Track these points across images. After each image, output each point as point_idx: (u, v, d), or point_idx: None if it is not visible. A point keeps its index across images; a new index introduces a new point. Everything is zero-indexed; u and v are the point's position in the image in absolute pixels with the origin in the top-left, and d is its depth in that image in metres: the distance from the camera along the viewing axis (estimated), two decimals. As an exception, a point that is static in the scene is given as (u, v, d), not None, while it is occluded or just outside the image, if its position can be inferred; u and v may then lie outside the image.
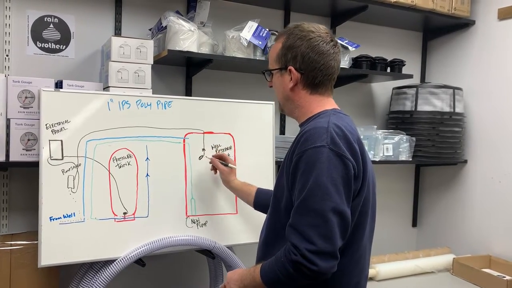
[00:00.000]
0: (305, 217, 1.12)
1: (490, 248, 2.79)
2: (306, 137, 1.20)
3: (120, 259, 1.85)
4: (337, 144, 1.17)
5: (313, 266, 1.09)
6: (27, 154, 1.87)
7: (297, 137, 1.26)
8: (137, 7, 2.36)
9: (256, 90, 2.66)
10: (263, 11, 2.62)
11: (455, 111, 2.84)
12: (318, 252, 1.09)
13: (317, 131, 1.20)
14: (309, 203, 1.13)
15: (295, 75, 1.33)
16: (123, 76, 1.99)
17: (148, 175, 1.94)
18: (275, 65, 1.38)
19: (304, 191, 1.14)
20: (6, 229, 2.11)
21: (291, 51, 1.33)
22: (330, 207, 1.11)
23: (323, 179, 1.13)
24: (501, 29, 2.78)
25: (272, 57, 1.39)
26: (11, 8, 2.09)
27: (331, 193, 1.12)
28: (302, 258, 1.09)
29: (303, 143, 1.20)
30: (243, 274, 1.31)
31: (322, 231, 1.10)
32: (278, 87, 1.39)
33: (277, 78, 1.38)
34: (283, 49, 1.34)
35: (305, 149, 1.18)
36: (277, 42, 1.37)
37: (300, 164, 1.18)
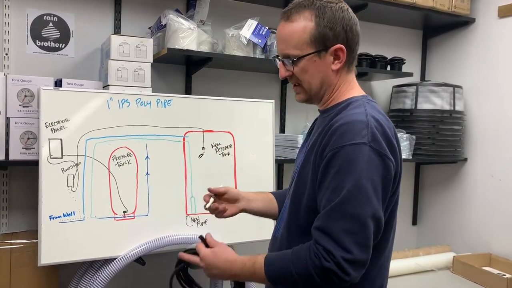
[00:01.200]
0: (341, 221, 1.00)
1: (490, 246, 2.79)
2: (343, 131, 1.06)
3: (120, 257, 1.85)
4: (378, 141, 1.05)
5: (345, 276, 0.99)
6: (26, 153, 1.87)
7: (327, 128, 1.11)
8: (136, 5, 2.35)
9: (256, 89, 2.66)
10: (263, 9, 2.62)
11: (455, 109, 2.83)
12: (354, 262, 0.99)
13: (356, 125, 1.06)
14: (346, 207, 1.00)
15: (344, 54, 1.15)
16: (122, 74, 1.98)
17: (148, 174, 1.94)
18: (308, 48, 1.14)
19: (340, 193, 1.01)
20: (6, 228, 2.11)
21: (333, 27, 1.13)
22: (370, 213, 1.01)
23: (363, 181, 1.01)
24: (501, 27, 2.78)
25: (300, 39, 1.14)
26: (10, 7, 2.09)
27: (371, 197, 1.02)
28: (335, 266, 0.99)
29: (339, 138, 1.05)
30: (233, 265, 1.16)
31: (359, 239, 1.00)
32: (314, 72, 1.16)
33: (311, 63, 1.15)
34: (319, 27, 1.13)
35: (342, 145, 1.04)
36: (300, 20, 1.14)
37: (335, 161, 1.04)
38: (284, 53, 1.18)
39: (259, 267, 1.10)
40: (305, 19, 1.14)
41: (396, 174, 1.12)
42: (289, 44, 1.16)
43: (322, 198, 1.06)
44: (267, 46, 2.37)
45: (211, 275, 1.21)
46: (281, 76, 1.21)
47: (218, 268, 1.18)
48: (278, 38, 1.20)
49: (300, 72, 1.17)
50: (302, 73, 1.17)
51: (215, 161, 2.08)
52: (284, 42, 1.17)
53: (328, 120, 1.15)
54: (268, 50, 2.39)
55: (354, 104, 1.16)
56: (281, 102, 2.75)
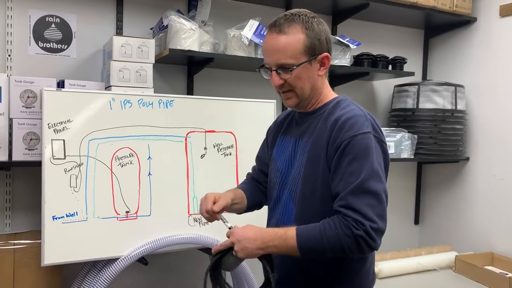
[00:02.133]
0: (363, 198, 1.16)
1: (493, 245, 2.79)
2: (351, 124, 1.22)
3: (122, 257, 1.86)
4: (377, 131, 1.25)
5: (373, 242, 1.15)
6: (29, 153, 1.88)
7: (332, 124, 1.25)
8: (138, 6, 2.36)
9: (257, 89, 2.66)
10: (264, 9, 2.62)
11: (457, 109, 2.83)
12: (378, 230, 1.15)
13: (359, 119, 1.24)
14: (366, 186, 1.17)
15: (328, 61, 1.32)
16: (124, 75, 1.99)
17: (150, 174, 1.95)
18: (302, 57, 1.28)
19: (359, 175, 1.17)
20: (9, 228, 2.12)
21: (318, 38, 1.29)
22: (382, 190, 1.19)
23: (375, 163, 1.20)
24: (502, 26, 2.78)
25: (296, 50, 1.27)
26: (13, 8, 2.10)
27: (382, 177, 1.21)
28: (365, 233, 1.14)
29: (349, 129, 1.21)
30: (263, 233, 1.23)
31: (379, 211, 1.17)
32: (306, 79, 1.30)
33: (304, 70, 1.29)
34: (309, 38, 1.28)
35: (353, 135, 1.20)
36: (293, 33, 1.27)
37: (349, 149, 1.20)
38: (279, 63, 1.29)
39: (291, 235, 1.19)
40: (297, 31, 1.27)
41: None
42: (285, 55, 1.27)
43: (340, 182, 1.20)
44: (269, 46, 2.37)
45: (242, 249, 1.22)
46: (276, 84, 1.32)
47: (249, 239, 1.22)
48: (271, 49, 1.30)
49: (294, 79, 1.30)
50: (296, 80, 1.30)
51: (217, 161, 2.09)
52: (279, 52, 1.28)
53: (324, 118, 1.31)
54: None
55: (344, 102, 1.32)
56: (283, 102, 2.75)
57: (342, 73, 2.68)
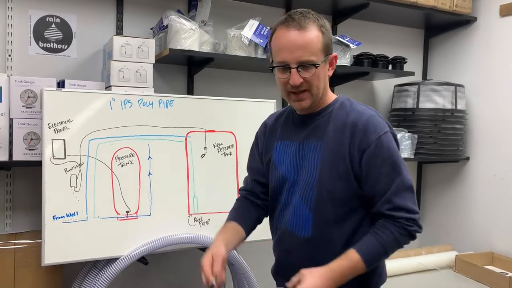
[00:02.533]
0: (404, 194, 1.24)
1: (493, 245, 2.79)
2: (372, 125, 1.25)
3: (123, 257, 1.86)
4: (390, 126, 1.31)
5: (420, 228, 1.26)
6: (30, 153, 1.88)
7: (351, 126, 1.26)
8: (138, 6, 2.36)
9: (257, 89, 2.67)
10: (264, 9, 2.62)
11: (457, 108, 2.83)
12: (419, 217, 1.27)
13: (376, 119, 1.27)
14: (404, 183, 1.24)
15: (336, 61, 1.33)
16: (125, 75, 1.99)
17: (150, 174, 1.95)
18: (321, 56, 1.26)
19: (396, 175, 1.24)
20: (9, 228, 2.12)
21: (331, 38, 1.30)
22: (411, 182, 1.27)
23: (401, 159, 1.27)
24: (502, 26, 2.78)
25: (317, 47, 1.25)
26: (13, 8, 2.10)
27: (406, 167, 1.28)
28: (417, 226, 1.24)
29: (372, 132, 1.24)
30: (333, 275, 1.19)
31: (415, 201, 1.27)
32: (322, 78, 1.29)
33: (322, 69, 1.27)
34: (325, 37, 1.27)
35: (378, 136, 1.24)
36: (313, 30, 1.24)
37: (378, 151, 1.24)
38: (301, 60, 1.24)
39: (356, 259, 1.21)
40: (315, 29, 1.25)
41: None
42: (308, 51, 1.24)
43: (376, 185, 1.25)
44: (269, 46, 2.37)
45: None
46: (297, 83, 1.25)
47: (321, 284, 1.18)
48: (292, 45, 1.24)
49: (315, 79, 1.26)
50: (315, 78, 1.26)
51: (217, 161, 2.09)
52: (302, 49, 1.23)
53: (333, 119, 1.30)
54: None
55: (349, 102, 1.34)
56: (283, 101, 2.75)
57: (342, 73, 2.68)
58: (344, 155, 1.25)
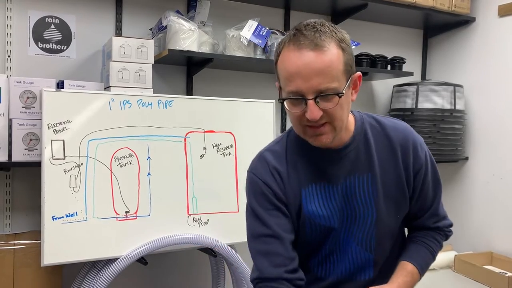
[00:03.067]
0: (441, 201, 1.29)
1: (492, 245, 2.79)
2: (419, 143, 1.20)
3: (122, 257, 1.86)
4: None
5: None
6: (29, 154, 1.89)
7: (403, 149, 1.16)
8: (137, 7, 2.36)
9: (256, 89, 2.67)
10: (263, 10, 2.63)
11: (456, 108, 2.84)
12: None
13: (411, 130, 1.23)
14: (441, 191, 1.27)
15: (360, 82, 1.08)
16: (124, 76, 1.99)
17: (149, 174, 1.95)
18: (343, 80, 1.00)
19: (438, 185, 1.25)
20: (9, 228, 2.12)
21: (352, 54, 1.04)
22: None
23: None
24: (501, 26, 2.78)
25: (338, 70, 0.98)
26: (12, 9, 2.10)
27: None
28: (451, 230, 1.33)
29: (419, 149, 1.19)
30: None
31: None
32: (346, 106, 1.03)
33: (346, 95, 1.01)
34: (346, 54, 1.00)
35: (425, 151, 1.21)
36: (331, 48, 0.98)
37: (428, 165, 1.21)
38: (320, 89, 0.97)
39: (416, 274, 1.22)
40: (333, 46, 0.98)
41: None
42: (328, 77, 0.97)
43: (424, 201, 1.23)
44: (268, 47, 2.38)
45: None
46: (316, 117, 0.99)
47: None
48: (307, 71, 0.97)
49: (337, 109, 1.00)
50: (338, 109, 1.00)
51: (216, 161, 2.09)
52: (320, 75, 0.96)
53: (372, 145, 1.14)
54: (269, 51, 2.40)
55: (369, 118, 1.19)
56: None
57: (341, 73, 2.68)
58: (401, 181, 1.15)
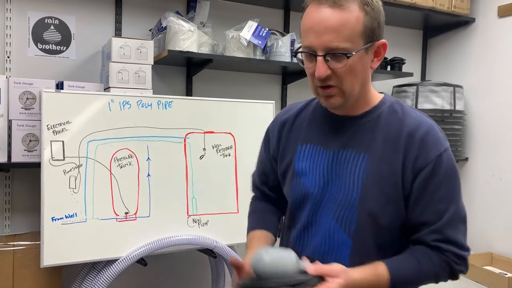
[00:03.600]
0: (459, 227, 1.04)
1: (492, 245, 2.79)
2: (433, 139, 1.03)
3: (122, 258, 1.86)
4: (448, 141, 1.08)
5: (467, 270, 1.06)
6: (28, 155, 1.89)
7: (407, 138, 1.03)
8: (137, 7, 2.36)
9: (256, 90, 2.67)
10: (263, 10, 2.63)
11: (456, 109, 2.84)
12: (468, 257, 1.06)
13: (436, 131, 1.05)
14: (460, 213, 1.04)
15: (384, 51, 1.04)
16: (123, 76, 1.99)
17: (149, 175, 1.95)
18: (360, 42, 0.98)
19: (452, 201, 1.02)
20: (8, 229, 2.12)
21: (379, 21, 1.01)
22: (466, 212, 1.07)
23: (460, 184, 1.05)
24: (501, 27, 2.78)
25: (354, 30, 0.97)
26: (12, 10, 2.10)
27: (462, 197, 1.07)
28: (465, 266, 1.05)
29: (432, 147, 1.02)
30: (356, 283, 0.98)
31: (466, 236, 1.06)
32: (359, 72, 1.01)
33: (359, 59, 0.99)
34: (370, 18, 0.98)
35: (439, 153, 1.02)
36: (352, 8, 0.96)
37: (436, 171, 1.01)
38: (330, 46, 0.96)
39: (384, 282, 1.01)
40: (356, 7, 0.97)
41: None
42: (340, 36, 0.95)
43: (425, 210, 1.03)
44: (267, 47, 2.38)
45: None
46: (321, 75, 0.98)
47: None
48: (321, 27, 0.96)
49: (347, 72, 0.99)
50: (348, 72, 0.99)
51: (216, 162, 2.09)
52: (332, 32, 0.95)
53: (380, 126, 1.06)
54: (268, 51, 2.40)
55: (398, 105, 1.11)
56: (282, 102, 2.76)
57: (341, 74, 2.68)
58: (396, 173, 1.02)
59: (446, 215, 1.01)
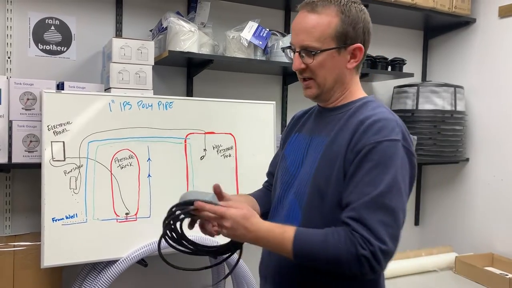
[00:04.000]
0: (378, 213, 1.03)
1: (493, 246, 2.79)
2: (379, 127, 1.08)
3: (122, 259, 1.86)
4: (407, 140, 1.11)
5: (377, 265, 1.01)
6: (29, 155, 1.88)
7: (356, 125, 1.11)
8: (137, 8, 2.36)
9: (257, 90, 2.67)
10: (264, 11, 2.63)
11: (457, 110, 2.84)
12: (387, 253, 1.02)
13: (389, 123, 1.10)
14: (384, 200, 1.03)
15: (361, 54, 1.18)
16: (124, 77, 1.99)
17: (149, 176, 1.95)
18: (330, 43, 1.14)
19: (378, 186, 1.03)
20: (9, 230, 2.12)
21: (355, 27, 1.16)
22: (401, 208, 1.06)
23: (399, 177, 1.06)
24: (502, 27, 2.78)
25: (324, 33, 1.14)
26: (13, 10, 2.10)
27: (403, 192, 1.07)
28: (371, 254, 1.00)
29: (375, 133, 1.08)
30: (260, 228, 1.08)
31: (392, 231, 1.04)
32: (330, 68, 1.16)
33: (330, 58, 1.15)
34: (343, 24, 1.14)
35: (379, 140, 1.07)
36: (326, 14, 1.14)
37: (372, 155, 1.06)
38: (303, 45, 1.16)
39: (288, 237, 1.06)
40: (331, 14, 1.14)
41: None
42: (311, 36, 1.14)
43: (353, 190, 1.06)
44: (268, 48, 2.38)
45: (230, 235, 1.13)
46: (295, 67, 1.19)
47: (244, 228, 1.08)
48: (298, 28, 1.17)
49: (317, 66, 1.16)
50: (319, 67, 1.16)
51: (216, 162, 2.09)
52: (305, 33, 1.15)
53: (347, 117, 1.17)
54: (269, 52, 2.40)
55: (373, 103, 1.19)
56: (282, 103, 2.75)
57: (342, 74, 2.68)
58: (342, 154, 1.11)
59: (367, 197, 1.03)
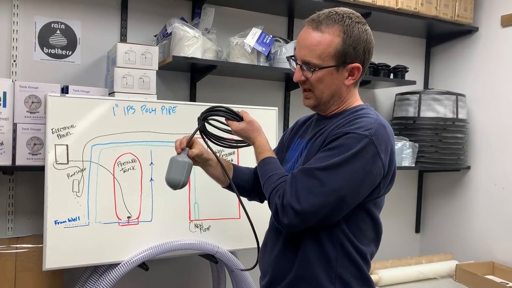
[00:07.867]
0: (310, 180, 1.13)
1: (493, 254, 2.78)
2: (354, 123, 1.17)
3: (123, 263, 1.87)
4: (379, 140, 1.15)
5: (284, 217, 1.14)
6: (33, 158, 1.90)
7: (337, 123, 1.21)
8: (142, 13, 2.38)
9: (259, 96, 2.68)
10: (267, 17, 2.65)
11: (458, 117, 2.84)
12: (297, 212, 1.12)
13: (366, 121, 1.17)
14: (319, 173, 1.12)
15: (359, 73, 1.24)
16: (128, 81, 2.01)
17: (152, 180, 1.96)
18: (330, 61, 1.20)
19: (322, 163, 1.13)
20: (11, 232, 2.13)
21: (356, 47, 1.21)
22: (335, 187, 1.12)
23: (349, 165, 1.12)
24: (504, 36, 2.79)
25: (325, 51, 1.20)
26: (19, 15, 2.12)
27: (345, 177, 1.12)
28: (281, 206, 1.15)
29: (348, 127, 1.16)
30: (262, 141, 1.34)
31: (313, 199, 1.12)
32: (328, 84, 1.23)
33: (328, 75, 1.22)
34: (344, 44, 1.19)
35: (346, 131, 1.15)
36: (329, 33, 1.20)
37: (335, 142, 1.15)
38: (304, 60, 1.22)
39: (265, 156, 1.30)
40: (333, 33, 1.20)
41: (388, 174, 1.21)
42: (312, 53, 1.21)
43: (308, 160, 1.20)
44: (271, 54, 2.40)
45: (245, 129, 1.38)
46: (296, 79, 1.26)
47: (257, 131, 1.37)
48: (301, 43, 1.24)
49: (315, 81, 1.23)
50: (317, 82, 1.23)
51: (218, 167, 2.09)
52: (307, 49, 1.22)
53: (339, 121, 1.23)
54: (272, 58, 2.42)
55: (366, 109, 1.26)
56: (285, 109, 2.77)
57: (344, 81, 2.69)
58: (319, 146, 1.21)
59: (309, 166, 1.15)
